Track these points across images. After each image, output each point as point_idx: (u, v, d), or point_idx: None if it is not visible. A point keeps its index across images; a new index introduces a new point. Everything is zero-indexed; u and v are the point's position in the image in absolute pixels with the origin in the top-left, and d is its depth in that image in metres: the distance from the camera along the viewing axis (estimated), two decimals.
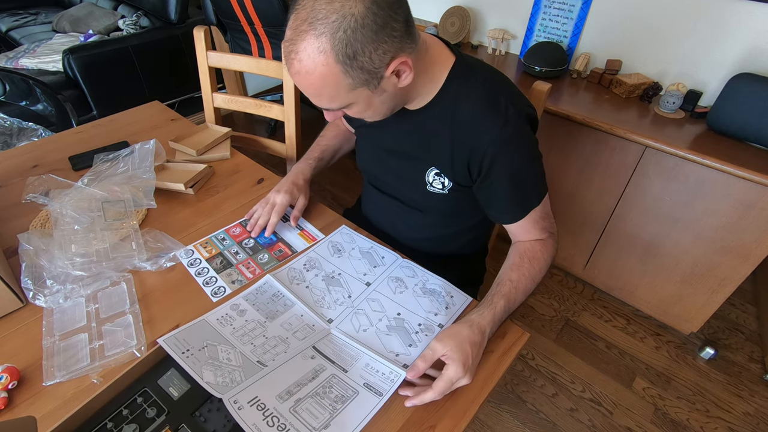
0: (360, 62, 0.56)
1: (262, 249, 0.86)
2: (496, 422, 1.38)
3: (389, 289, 0.78)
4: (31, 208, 0.92)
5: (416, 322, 0.73)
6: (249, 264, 0.83)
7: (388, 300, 0.76)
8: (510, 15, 1.82)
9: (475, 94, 0.70)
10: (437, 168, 0.78)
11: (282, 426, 0.57)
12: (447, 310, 0.75)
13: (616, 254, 1.60)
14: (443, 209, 0.85)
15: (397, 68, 0.61)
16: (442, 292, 0.78)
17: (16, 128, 1.69)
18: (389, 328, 0.71)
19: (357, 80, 0.59)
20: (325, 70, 0.56)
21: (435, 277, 0.81)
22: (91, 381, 0.63)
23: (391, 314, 0.74)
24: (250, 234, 0.89)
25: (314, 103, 0.65)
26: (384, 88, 0.63)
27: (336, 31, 0.54)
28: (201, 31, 1.21)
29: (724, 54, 1.40)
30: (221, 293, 0.76)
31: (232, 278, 0.80)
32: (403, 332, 0.71)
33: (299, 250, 0.86)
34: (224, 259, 0.83)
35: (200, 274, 0.80)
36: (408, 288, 0.79)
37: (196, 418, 0.57)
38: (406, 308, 0.75)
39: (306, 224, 0.93)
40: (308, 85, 0.60)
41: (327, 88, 0.59)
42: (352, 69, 0.57)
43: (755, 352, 1.60)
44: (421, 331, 0.71)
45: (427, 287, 0.79)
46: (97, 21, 2.51)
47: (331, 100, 0.63)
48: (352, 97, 0.62)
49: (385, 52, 0.58)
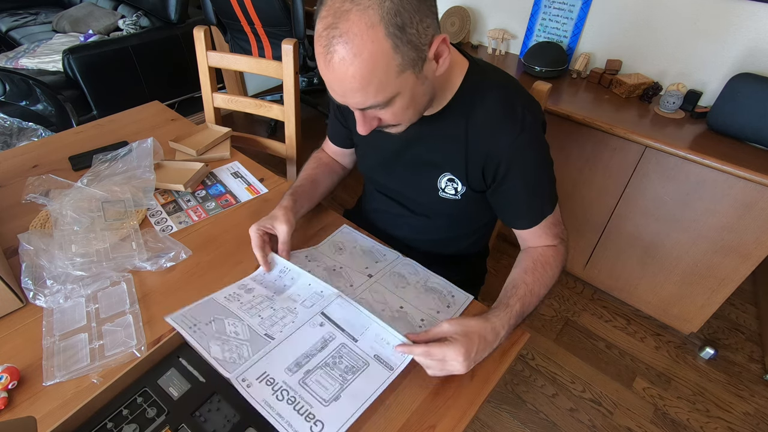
0: (409, 35, 0.54)
1: (210, 198, 1.00)
2: (496, 422, 1.38)
3: (391, 283, 0.78)
4: (31, 208, 0.92)
5: (419, 317, 0.73)
6: (197, 210, 0.96)
7: (391, 293, 0.77)
8: (510, 15, 1.82)
9: (492, 99, 0.70)
10: (451, 173, 0.77)
11: (292, 399, 0.57)
12: (448, 309, 0.75)
13: (616, 254, 1.60)
14: (453, 214, 0.85)
15: (438, 48, 0.59)
16: (443, 291, 0.79)
17: (16, 128, 1.69)
18: (392, 318, 0.71)
19: (406, 59, 0.56)
20: (374, 48, 0.53)
21: (436, 276, 0.81)
22: (91, 381, 0.63)
23: (393, 306, 0.74)
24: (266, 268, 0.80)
25: (355, 105, 0.61)
26: (426, 74, 0.60)
27: (382, 2, 0.51)
28: (201, 31, 1.21)
29: (724, 54, 1.40)
30: (168, 230, 0.90)
31: (180, 219, 0.93)
32: (406, 324, 0.71)
33: (243, 201, 0.99)
34: (176, 205, 0.97)
35: (153, 215, 0.93)
36: (410, 284, 0.79)
37: (196, 418, 0.57)
38: (409, 303, 0.75)
39: (250, 177, 1.06)
40: (354, 73, 0.54)
41: (377, 72, 0.55)
42: (402, 44, 0.54)
43: (755, 352, 1.60)
44: (423, 326, 0.71)
45: (429, 285, 0.79)
46: (97, 21, 2.51)
47: (378, 90, 0.57)
48: (399, 85, 0.58)
49: (428, 26, 0.56)
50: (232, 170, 1.09)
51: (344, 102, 0.61)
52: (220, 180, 1.05)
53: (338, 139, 0.96)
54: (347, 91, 0.58)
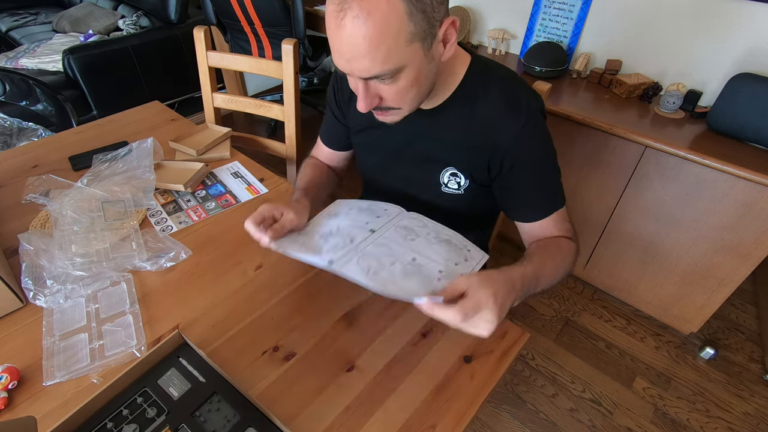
0: (424, 4, 0.54)
1: (211, 198, 1.00)
2: (496, 422, 1.38)
3: (399, 236, 0.68)
4: (31, 208, 0.92)
5: (436, 268, 0.61)
6: (197, 210, 0.96)
7: (399, 246, 0.66)
8: (510, 15, 1.82)
9: (495, 92, 0.70)
10: (454, 168, 0.77)
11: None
12: (466, 263, 0.64)
13: (616, 254, 1.60)
14: (454, 211, 0.84)
15: (448, 31, 0.59)
16: (459, 244, 0.68)
17: (16, 128, 1.69)
18: (405, 272, 0.60)
19: (418, 28, 0.55)
20: (389, 9, 0.52)
21: (447, 229, 0.71)
22: (91, 381, 0.63)
23: (405, 259, 0.63)
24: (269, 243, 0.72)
25: (360, 73, 0.58)
26: (433, 55, 0.60)
27: None
28: (201, 31, 1.21)
29: (724, 54, 1.40)
30: (168, 230, 0.90)
31: (180, 219, 0.93)
32: (423, 277, 0.60)
33: (243, 201, 0.99)
34: (176, 205, 0.97)
35: (153, 215, 0.93)
36: (420, 236, 0.68)
37: (196, 418, 0.57)
38: (422, 254, 0.64)
39: (250, 177, 1.06)
40: (365, 34, 0.53)
41: (387, 36, 0.54)
42: (416, 11, 0.53)
43: (755, 352, 1.60)
44: (443, 278, 0.59)
45: (441, 237, 0.69)
46: (97, 21, 2.51)
47: (386, 58, 0.55)
48: (408, 56, 0.57)
49: (441, 2, 0.56)
50: (232, 170, 1.09)
51: (349, 69, 0.59)
52: (220, 180, 1.05)
53: (333, 140, 0.95)
54: (355, 54, 0.56)
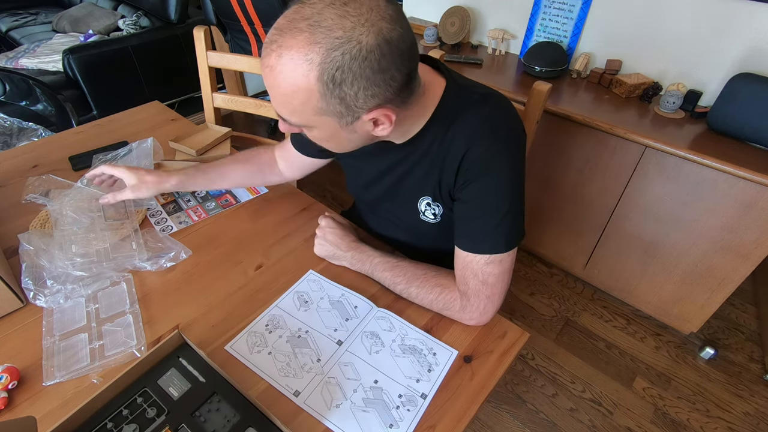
0: (342, 93, 0.51)
1: (211, 198, 1.00)
2: (496, 422, 1.38)
3: (364, 349, 0.70)
4: (31, 208, 0.92)
5: (396, 392, 0.64)
6: (197, 210, 0.96)
7: (363, 363, 0.68)
8: (510, 15, 1.82)
9: (467, 117, 0.66)
10: (429, 198, 0.74)
11: None
12: (430, 373, 0.67)
13: (616, 254, 1.60)
14: (439, 236, 0.81)
15: (378, 117, 0.56)
16: (423, 349, 0.70)
17: (16, 128, 1.69)
18: (366, 402, 0.63)
19: (331, 108, 0.53)
20: (302, 82, 0.50)
21: (414, 330, 0.73)
22: (91, 381, 0.63)
23: (367, 383, 0.65)
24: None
25: (273, 106, 0.58)
26: (355, 129, 0.58)
27: (334, 49, 0.48)
28: (201, 31, 1.21)
29: (724, 54, 1.40)
30: (168, 230, 0.90)
31: (180, 219, 0.93)
32: (381, 407, 0.63)
33: (243, 201, 0.99)
34: (176, 205, 0.97)
35: (153, 215, 0.94)
36: (385, 346, 0.70)
37: (196, 418, 0.57)
38: (384, 373, 0.67)
39: None
40: (275, 86, 0.53)
41: (294, 100, 0.53)
42: (330, 95, 0.51)
43: (755, 352, 1.60)
44: (402, 405, 0.63)
45: (406, 343, 0.71)
46: (97, 21, 2.51)
47: (291, 114, 0.56)
48: (316, 122, 0.56)
49: (373, 95, 0.53)
50: None
51: None
52: None
53: (301, 144, 0.90)
54: (269, 91, 0.55)
